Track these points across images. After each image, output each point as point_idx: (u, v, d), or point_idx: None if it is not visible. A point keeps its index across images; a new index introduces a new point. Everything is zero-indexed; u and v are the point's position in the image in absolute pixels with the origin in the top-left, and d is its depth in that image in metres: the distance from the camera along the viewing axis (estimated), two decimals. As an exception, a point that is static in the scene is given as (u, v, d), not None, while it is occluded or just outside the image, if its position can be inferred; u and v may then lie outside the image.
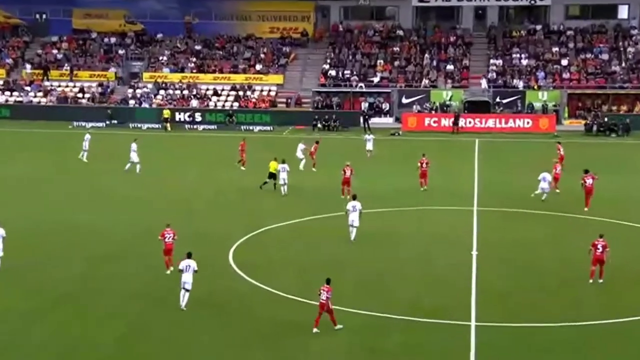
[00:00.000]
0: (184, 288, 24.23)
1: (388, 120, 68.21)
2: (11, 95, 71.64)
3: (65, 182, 43.28)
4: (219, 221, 35.00)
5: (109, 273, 27.69)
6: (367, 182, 41.40)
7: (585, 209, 36.69)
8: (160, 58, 75.53)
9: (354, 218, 31.74)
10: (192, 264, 24.42)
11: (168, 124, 64.66)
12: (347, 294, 25.57)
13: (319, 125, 65.19)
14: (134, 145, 45.57)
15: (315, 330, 22.53)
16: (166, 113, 65.80)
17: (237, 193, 40.90)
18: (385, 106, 69.20)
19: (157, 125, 65.80)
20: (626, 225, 34.42)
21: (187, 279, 24.20)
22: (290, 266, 28.83)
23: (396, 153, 53.70)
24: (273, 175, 40.67)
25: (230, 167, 46.99)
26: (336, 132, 63.99)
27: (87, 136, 49.55)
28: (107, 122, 66.62)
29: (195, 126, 66.37)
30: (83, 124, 66.09)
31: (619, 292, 26.19)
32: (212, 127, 66.03)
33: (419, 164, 41.62)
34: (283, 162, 40.37)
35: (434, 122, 65.02)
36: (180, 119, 67.35)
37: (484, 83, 68.36)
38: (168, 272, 27.15)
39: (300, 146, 47.02)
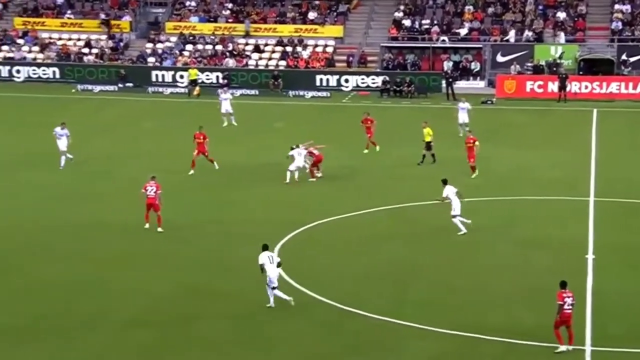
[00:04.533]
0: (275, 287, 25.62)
1: (478, 84, 67.46)
2: None
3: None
4: (254, 215, 35.18)
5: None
6: (443, 163, 41.01)
7: None
8: (188, 3, 75.92)
9: (459, 205, 32.35)
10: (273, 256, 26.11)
11: (196, 88, 64.92)
12: (419, 309, 25.62)
13: (390, 90, 64.86)
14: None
15: (564, 348, 22.55)
16: (193, 74, 66.13)
17: (276, 180, 40.81)
18: (475, 66, 68.45)
19: (182, 90, 66.18)
20: None
21: (274, 273, 25.69)
22: (346, 272, 28.85)
23: (488, 127, 53.08)
24: (429, 145, 42.10)
25: (269, 147, 46.66)
26: (410, 99, 63.51)
27: (57, 130, 43.11)
28: (120, 85, 67.34)
29: (230, 91, 66.40)
30: (90, 87, 67.00)
31: None
32: (252, 92, 66.16)
33: (469, 142, 40.67)
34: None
35: (539, 86, 64.13)
36: (211, 81, 67.61)
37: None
38: (146, 226, 32.42)
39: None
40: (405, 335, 24.00)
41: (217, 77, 67.74)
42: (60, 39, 73.72)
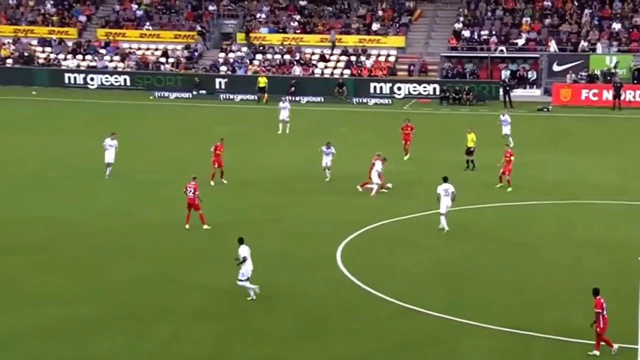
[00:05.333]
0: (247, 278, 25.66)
1: (535, 93, 66.86)
2: (83, 59, 74.15)
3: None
4: (319, 216, 35.13)
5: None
6: (490, 170, 40.60)
7: None
8: (258, 15, 76.40)
9: (447, 204, 31.84)
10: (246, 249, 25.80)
11: (265, 95, 65.27)
12: (475, 307, 25.47)
13: (449, 98, 64.55)
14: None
15: (617, 347, 22.25)
16: (262, 81, 66.47)
17: (338, 183, 40.60)
18: (532, 75, 67.83)
19: (252, 97, 66.59)
20: None
21: (250, 267, 25.81)
22: (406, 270, 28.76)
23: (544, 133, 52.62)
24: (470, 152, 41.85)
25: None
26: (469, 106, 63.12)
27: (107, 142, 40.85)
28: (194, 93, 67.89)
29: (297, 98, 66.63)
30: (166, 94, 67.71)
31: None
32: (317, 99, 66.24)
33: (506, 156, 38.86)
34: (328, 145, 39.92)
35: (594, 94, 63.33)
36: (278, 89, 67.82)
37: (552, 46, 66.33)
38: (187, 226, 32.28)
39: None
40: (461, 332, 23.82)
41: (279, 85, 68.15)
42: (139, 49, 74.80)
